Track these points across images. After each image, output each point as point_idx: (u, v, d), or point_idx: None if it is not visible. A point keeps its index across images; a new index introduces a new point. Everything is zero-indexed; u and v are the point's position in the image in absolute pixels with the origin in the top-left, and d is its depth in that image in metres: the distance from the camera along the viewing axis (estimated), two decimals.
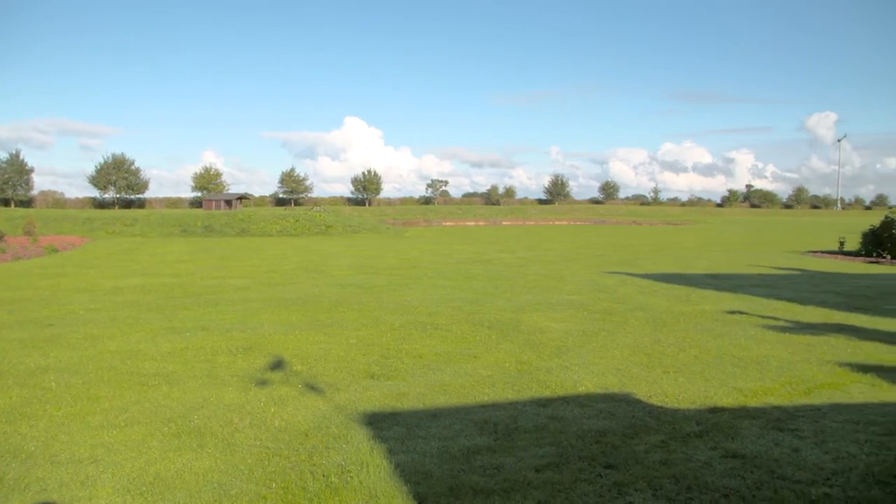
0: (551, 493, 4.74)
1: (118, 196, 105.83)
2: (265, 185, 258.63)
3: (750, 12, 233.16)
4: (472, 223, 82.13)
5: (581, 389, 7.49)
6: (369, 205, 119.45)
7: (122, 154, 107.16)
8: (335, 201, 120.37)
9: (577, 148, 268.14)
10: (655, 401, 7.06)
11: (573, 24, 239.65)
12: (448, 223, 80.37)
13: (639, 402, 7.02)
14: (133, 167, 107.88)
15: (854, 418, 6.46)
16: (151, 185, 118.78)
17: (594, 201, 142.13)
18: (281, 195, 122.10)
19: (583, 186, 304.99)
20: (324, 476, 5.10)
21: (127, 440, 5.92)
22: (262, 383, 7.77)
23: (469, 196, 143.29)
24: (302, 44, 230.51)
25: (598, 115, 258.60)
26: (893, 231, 26.24)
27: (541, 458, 5.42)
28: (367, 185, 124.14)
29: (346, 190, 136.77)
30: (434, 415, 6.61)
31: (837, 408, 6.83)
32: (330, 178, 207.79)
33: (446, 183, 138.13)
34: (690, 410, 6.73)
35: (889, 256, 25.97)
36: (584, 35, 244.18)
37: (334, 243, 37.30)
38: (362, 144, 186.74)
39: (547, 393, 7.37)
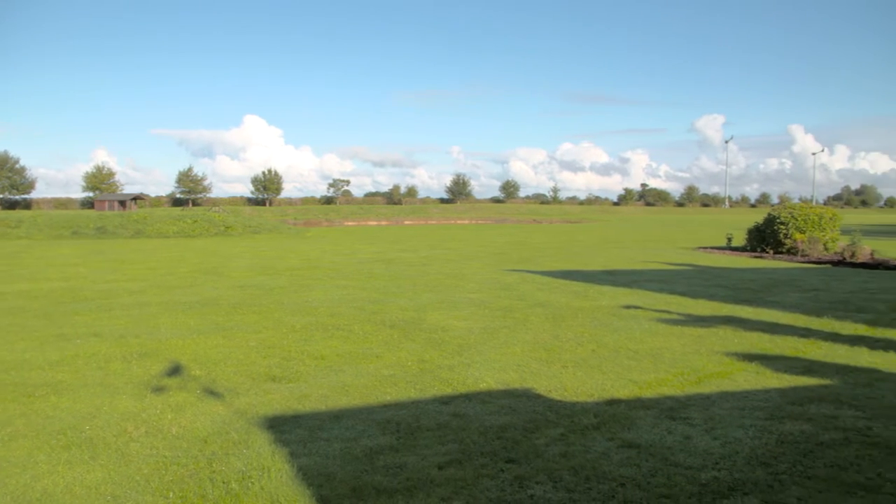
0: (454, 490, 4.85)
1: (0, 196, 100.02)
2: (162, 185, 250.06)
3: (643, 18, 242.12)
4: (375, 223, 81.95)
5: (483, 386, 7.66)
6: (270, 205, 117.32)
7: (6, 152, 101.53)
8: (235, 201, 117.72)
9: (478, 147, 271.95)
10: (555, 395, 7.29)
11: (473, 23, 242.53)
12: (350, 223, 79.90)
13: (539, 396, 7.24)
14: (17, 166, 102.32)
15: (740, 405, 6.89)
16: (39, 185, 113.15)
17: (495, 200, 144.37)
18: (178, 195, 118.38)
19: (484, 185, 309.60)
20: (224, 483, 5.04)
21: (11, 456, 5.66)
22: (159, 390, 7.57)
23: (371, 195, 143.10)
24: (197, 39, 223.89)
25: (498, 115, 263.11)
26: (775, 227, 27.86)
27: (443, 455, 5.52)
28: (267, 185, 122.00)
29: (246, 190, 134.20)
30: (336, 416, 6.62)
31: (725, 395, 7.26)
32: (229, 178, 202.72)
33: (348, 182, 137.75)
34: (588, 403, 7.00)
35: (771, 251, 27.58)
36: (485, 35, 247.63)
37: (234, 244, 36.47)
38: (262, 143, 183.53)
39: (449, 391, 7.50)
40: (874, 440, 5.88)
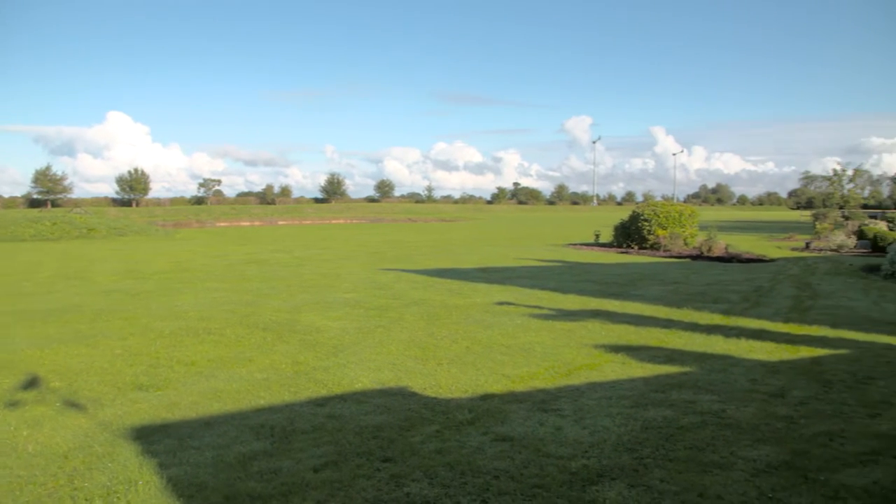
0: (330, 492, 4.82)
1: None
2: (17, 185, 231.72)
3: (514, 21, 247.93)
4: (248, 223, 79.65)
5: (358, 386, 7.64)
6: (137, 206, 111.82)
7: None
8: (99, 202, 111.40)
9: (353, 147, 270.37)
10: (430, 392, 7.37)
11: (346, 21, 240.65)
12: (222, 224, 77.28)
13: (414, 394, 7.30)
14: None
15: (607, 395, 7.20)
16: None
17: (370, 199, 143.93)
18: (35, 196, 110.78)
19: (359, 185, 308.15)
20: (86, 500, 4.79)
21: None
22: (13, 405, 7.09)
23: (244, 195, 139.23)
24: (52, 30, 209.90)
25: (372, 115, 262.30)
26: (640, 224, 29.22)
27: (319, 457, 5.48)
28: (133, 185, 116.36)
29: (110, 190, 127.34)
30: (208, 423, 6.43)
31: (594, 386, 7.57)
32: (92, 178, 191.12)
33: (219, 182, 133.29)
34: (463, 399, 7.12)
35: (636, 247, 28.90)
36: (358, 33, 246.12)
37: (98, 247, 34.52)
38: (127, 141, 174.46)
39: (324, 392, 7.43)
40: (728, 421, 6.30)
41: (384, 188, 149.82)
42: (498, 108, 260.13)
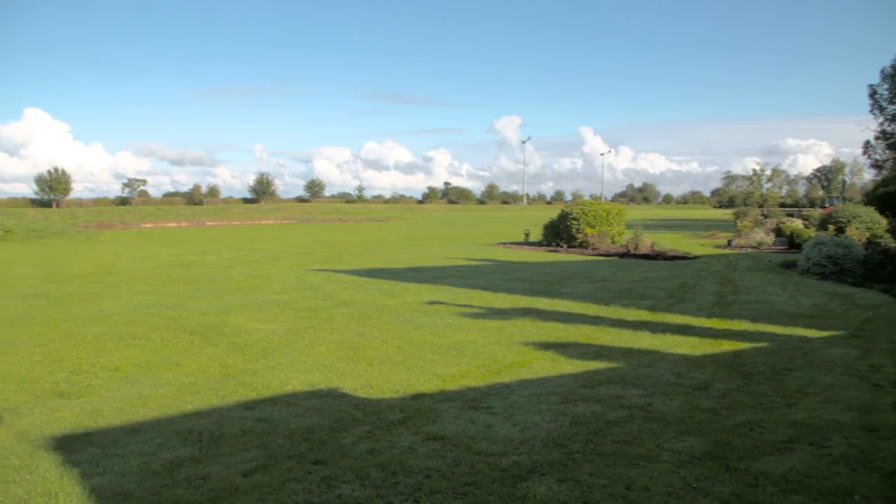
0: (260, 497, 4.76)
1: None
2: None
3: (442, 20, 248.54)
4: (174, 224, 77.64)
5: (288, 388, 7.56)
6: (58, 206, 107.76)
7: None
8: (16, 203, 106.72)
9: (282, 146, 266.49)
10: (361, 393, 7.35)
11: (275, 18, 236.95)
12: (148, 225, 75.06)
13: (345, 395, 7.26)
14: None
15: (537, 391, 7.31)
16: None
17: (300, 199, 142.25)
18: None
19: (289, 185, 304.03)
20: None
21: None
22: None
23: (170, 196, 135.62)
24: None
25: (302, 113, 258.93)
26: (568, 223, 29.66)
27: (248, 462, 5.41)
28: (53, 185, 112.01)
29: (28, 190, 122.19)
30: (133, 430, 6.26)
31: (524, 383, 7.66)
32: (8, 177, 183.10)
33: (145, 182, 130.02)
34: (394, 399, 7.12)
35: (565, 245, 29.34)
36: (287, 30, 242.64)
37: (15, 250, 33.12)
38: (46, 139, 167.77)
39: (253, 395, 7.33)
40: (654, 415, 6.47)
41: (314, 188, 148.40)
42: (428, 107, 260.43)
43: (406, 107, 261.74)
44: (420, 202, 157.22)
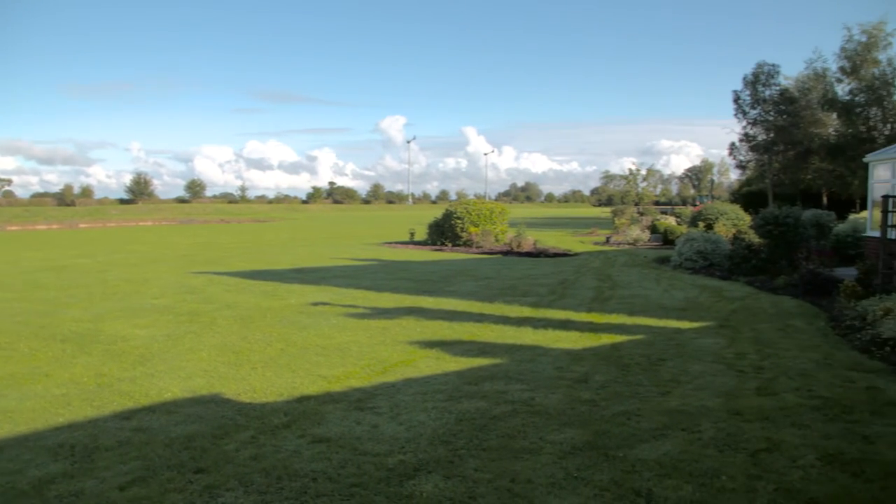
0: None
1: None
2: None
3: (325, 18, 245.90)
4: (44, 227, 73.10)
5: (168, 396, 7.30)
6: None
7: None
8: None
9: (161, 145, 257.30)
10: (245, 398, 7.19)
11: (152, 13, 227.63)
12: (14, 227, 70.28)
13: (228, 401, 7.09)
14: None
15: (423, 389, 7.36)
16: None
17: (181, 200, 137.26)
18: None
19: (168, 185, 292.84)
20: None
21: None
22: None
23: (39, 196, 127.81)
24: None
25: (181, 111, 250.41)
26: (453, 222, 29.98)
27: (125, 474, 5.19)
28: None
29: None
30: None
31: (409, 382, 7.70)
32: None
33: (10, 182, 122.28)
34: (279, 403, 7.00)
35: (450, 244, 29.65)
36: (166, 25, 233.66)
37: None
38: None
39: (131, 404, 7.04)
40: (536, 408, 6.64)
41: (195, 188, 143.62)
42: (312, 106, 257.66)
43: (290, 105, 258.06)
44: (305, 202, 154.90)
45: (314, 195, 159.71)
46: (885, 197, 12.87)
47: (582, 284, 16.61)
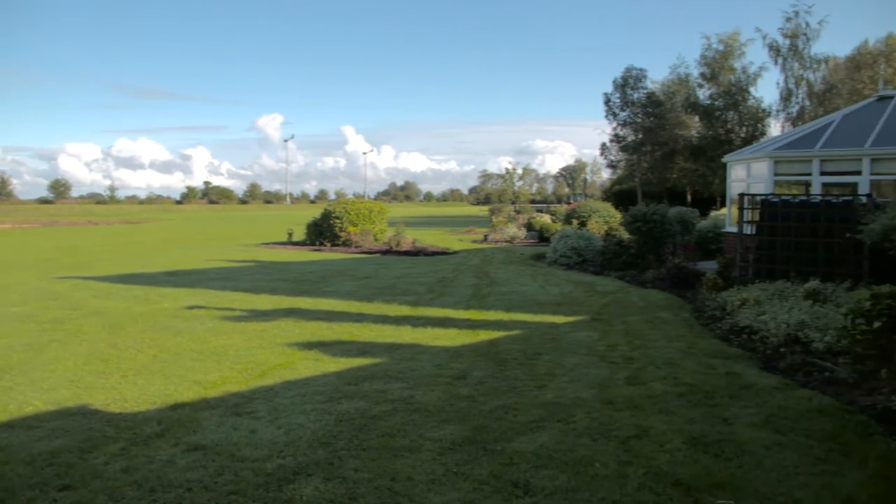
0: None
1: None
2: None
3: (200, 13, 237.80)
4: None
5: (29, 410, 6.87)
6: None
7: None
8: None
9: (20, 141, 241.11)
10: (114, 408, 6.87)
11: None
12: None
13: (96, 412, 6.75)
14: None
15: (302, 392, 7.26)
16: None
17: (43, 201, 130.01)
18: None
19: (29, 185, 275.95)
20: None
21: None
22: None
23: None
24: None
25: (43, 105, 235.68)
26: (331, 221, 29.69)
27: None
28: None
29: None
30: None
31: (288, 385, 7.58)
32: None
33: None
34: (151, 411, 6.74)
35: (329, 244, 29.37)
36: (23, 11, 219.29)
37: None
38: None
39: None
40: (416, 406, 6.69)
41: (59, 188, 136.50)
42: (185, 103, 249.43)
43: (161, 102, 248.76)
44: (179, 202, 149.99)
45: (188, 195, 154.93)
46: (742, 195, 13.70)
47: (460, 282, 16.84)
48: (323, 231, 30.11)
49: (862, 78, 48.94)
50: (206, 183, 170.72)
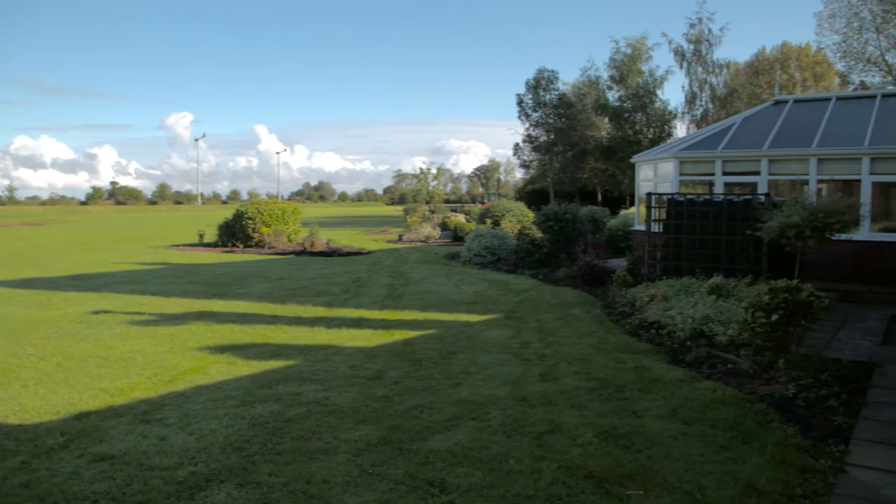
0: None
1: None
2: None
3: (106, 5, 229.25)
4: None
5: None
6: None
7: None
8: None
9: None
10: (14, 419, 6.56)
11: None
12: None
13: None
14: None
15: (214, 396, 7.11)
16: None
17: None
18: None
19: None
20: None
21: None
22: None
23: None
24: None
25: None
26: (244, 222, 29.12)
27: None
28: None
29: None
30: None
31: (200, 390, 7.41)
32: None
33: None
34: (54, 422, 6.46)
35: (242, 245, 28.81)
36: None
37: None
38: None
39: None
40: (331, 408, 6.65)
41: None
42: (90, 99, 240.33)
43: (64, 98, 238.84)
44: (84, 203, 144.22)
45: (94, 196, 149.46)
46: (649, 194, 14.12)
47: (375, 282, 16.80)
48: (235, 232, 29.52)
49: (760, 83, 51.42)
50: (113, 183, 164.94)
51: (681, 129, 50.01)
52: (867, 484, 4.74)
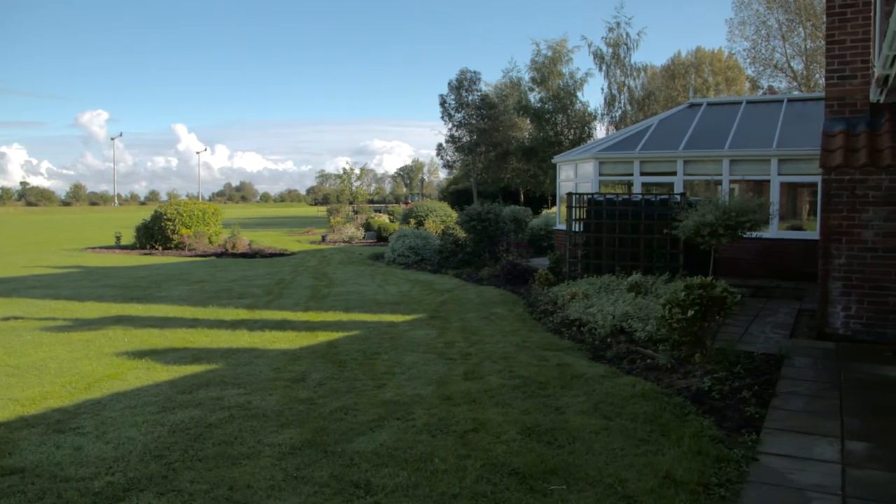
0: None
1: None
2: None
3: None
4: None
5: None
6: None
7: None
8: None
9: None
10: None
11: None
12: None
13: None
14: None
15: (132, 403, 6.90)
16: None
17: None
18: None
19: None
20: None
21: None
22: None
23: None
24: None
25: None
26: (163, 224, 28.38)
27: None
28: None
29: None
30: None
31: (117, 396, 7.18)
32: None
33: None
34: None
35: (161, 247, 28.06)
36: None
37: None
38: None
39: None
40: (254, 412, 6.54)
41: None
42: None
43: None
44: None
45: (2, 197, 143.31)
46: (570, 194, 14.36)
47: (298, 284, 16.60)
48: (154, 234, 28.73)
49: (676, 86, 52.98)
50: (24, 183, 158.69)
51: (601, 131, 51.05)
52: (777, 471, 4.94)
